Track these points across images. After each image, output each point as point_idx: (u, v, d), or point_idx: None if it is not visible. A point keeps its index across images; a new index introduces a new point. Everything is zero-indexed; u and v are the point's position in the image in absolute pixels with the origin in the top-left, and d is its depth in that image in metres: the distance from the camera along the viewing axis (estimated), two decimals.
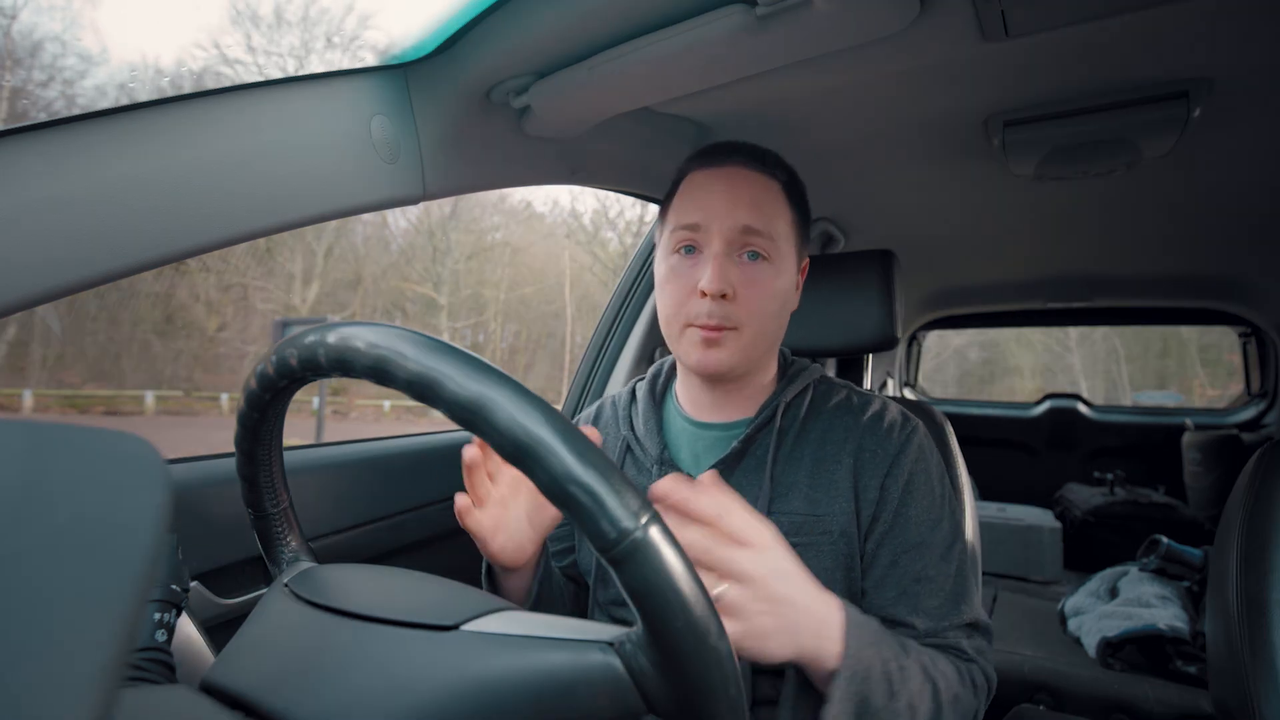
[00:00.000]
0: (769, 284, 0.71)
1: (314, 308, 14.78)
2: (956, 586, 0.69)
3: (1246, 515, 0.75)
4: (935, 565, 0.69)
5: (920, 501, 0.70)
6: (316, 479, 0.87)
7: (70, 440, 0.20)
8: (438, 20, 0.67)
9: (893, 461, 0.71)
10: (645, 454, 0.79)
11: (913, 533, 0.69)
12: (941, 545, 0.70)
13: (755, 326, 0.71)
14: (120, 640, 0.17)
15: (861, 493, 0.71)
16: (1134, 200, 1.37)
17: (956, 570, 0.70)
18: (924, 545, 0.69)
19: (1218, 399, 9.36)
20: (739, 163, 0.73)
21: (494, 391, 0.34)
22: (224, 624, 0.73)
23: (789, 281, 0.74)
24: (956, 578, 0.69)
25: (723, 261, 0.69)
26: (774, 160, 0.75)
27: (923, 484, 0.71)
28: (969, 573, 0.71)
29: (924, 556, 0.68)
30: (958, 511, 0.74)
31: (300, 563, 0.54)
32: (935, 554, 0.69)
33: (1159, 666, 1.54)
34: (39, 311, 0.75)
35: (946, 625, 0.67)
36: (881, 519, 0.70)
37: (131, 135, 0.52)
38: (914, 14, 0.64)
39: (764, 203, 0.71)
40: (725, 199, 0.71)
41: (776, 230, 0.71)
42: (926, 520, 0.70)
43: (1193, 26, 0.72)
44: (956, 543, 0.71)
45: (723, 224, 0.70)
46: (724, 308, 0.69)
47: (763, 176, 0.73)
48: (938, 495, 0.72)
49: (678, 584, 0.33)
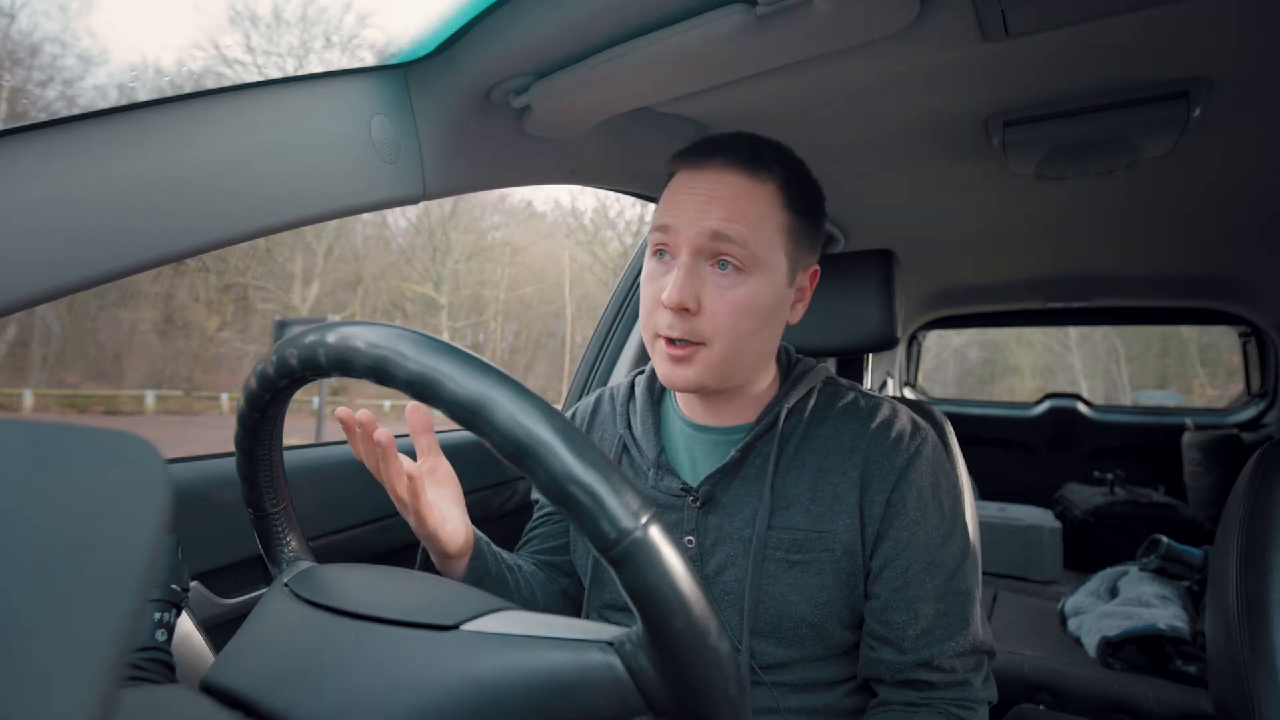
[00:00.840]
0: (742, 297, 0.64)
1: (314, 307, 14.79)
2: (965, 609, 0.67)
3: (1246, 515, 0.75)
4: (945, 584, 0.66)
5: (930, 518, 0.67)
6: (316, 479, 0.87)
7: (70, 440, 0.20)
8: (437, 20, 0.67)
9: (901, 474, 0.67)
10: (642, 456, 0.77)
11: (922, 551, 0.66)
12: (952, 563, 0.67)
13: (726, 343, 0.65)
14: (120, 640, 0.17)
15: (866, 507, 0.67)
16: (1134, 200, 1.37)
17: (966, 591, 0.67)
18: (935, 565, 0.66)
19: (1218, 399, 9.37)
20: (721, 162, 0.67)
21: (494, 391, 0.34)
22: (224, 624, 0.73)
23: (774, 294, 0.67)
24: (965, 598, 0.67)
25: (688, 271, 0.64)
26: (769, 157, 0.68)
27: (932, 499, 0.68)
28: (974, 592, 0.69)
29: (935, 576, 0.66)
30: (967, 525, 0.71)
31: (300, 562, 0.54)
32: (945, 572, 0.67)
33: (1159, 666, 1.54)
34: (39, 311, 0.75)
35: (950, 652, 0.65)
36: (888, 536, 0.67)
37: (131, 135, 0.52)
38: (914, 14, 0.64)
39: (743, 207, 0.65)
40: (698, 202, 0.65)
41: (758, 237, 0.65)
42: (936, 537, 0.67)
43: (1193, 26, 0.72)
44: (967, 560, 0.68)
45: (690, 230, 0.64)
46: (687, 321, 0.64)
47: (746, 178, 0.66)
48: (947, 510, 0.69)
49: (677, 584, 0.33)
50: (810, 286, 0.75)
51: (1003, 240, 1.77)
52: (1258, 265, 1.83)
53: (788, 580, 0.67)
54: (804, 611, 0.67)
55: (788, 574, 0.67)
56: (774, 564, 0.68)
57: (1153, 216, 1.47)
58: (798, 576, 0.67)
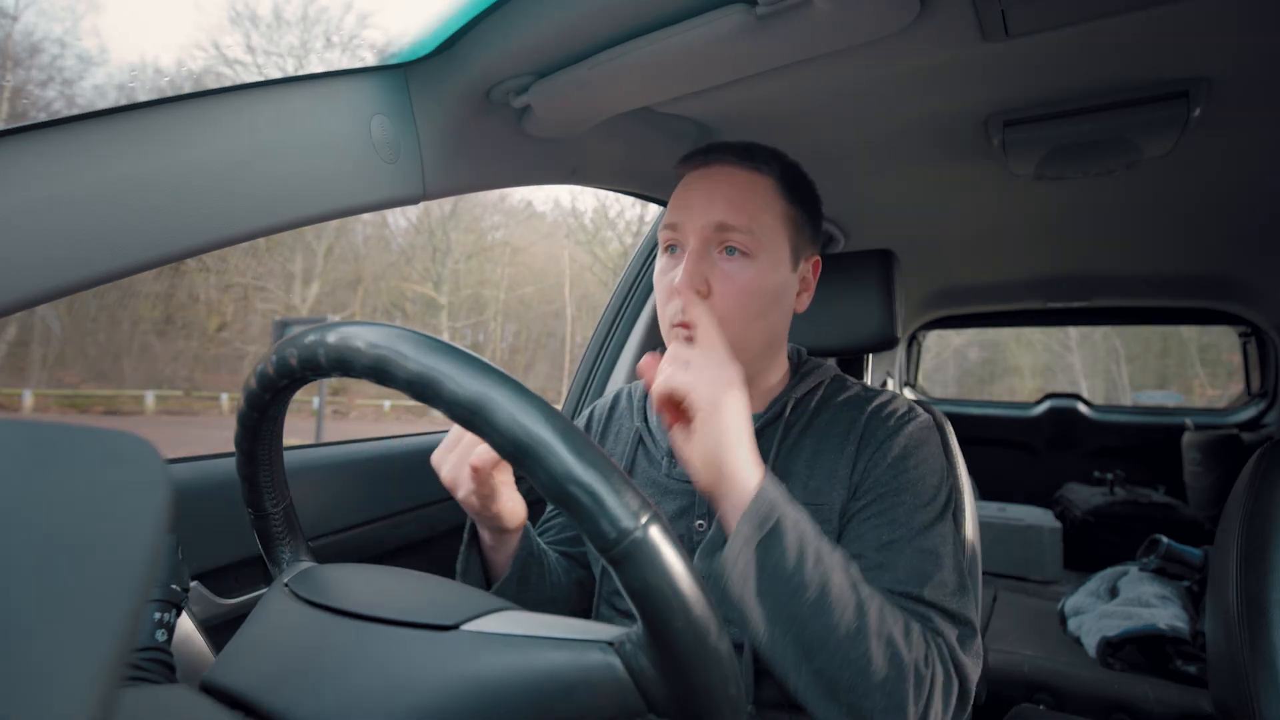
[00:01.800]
0: (749, 279, 0.69)
1: (314, 307, 14.80)
2: (922, 566, 0.64)
3: (1246, 515, 0.75)
4: (908, 541, 0.65)
5: (904, 485, 0.68)
6: (316, 479, 0.87)
7: (70, 440, 0.20)
8: (438, 20, 0.67)
9: (883, 441, 0.70)
10: (657, 446, 0.80)
11: (887, 510, 0.66)
12: (919, 525, 0.66)
13: (736, 324, 0.69)
14: (120, 640, 0.17)
15: (854, 474, 0.70)
16: (1134, 200, 1.37)
17: (930, 550, 0.65)
18: (897, 523, 0.66)
19: (1218, 399, 9.37)
20: (720, 160, 0.73)
21: (494, 391, 0.34)
22: (224, 624, 0.73)
23: (779, 278, 0.72)
24: (927, 556, 0.64)
25: (697, 259, 0.69)
26: (766, 155, 0.74)
27: (912, 465, 0.69)
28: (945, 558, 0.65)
29: (895, 531, 0.65)
30: (950, 503, 0.70)
31: (300, 563, 0.54)
32: (911, 530, 0.65)
33: (1159, 666, 1.54)
34: (39, 311, 0.75)
35: (908, 594, 0.62)
36: (862, 490, 0.68)
37: (131, 135, 0.52)
38: (914, 14, 0.64)
39: (744, 197, 0.70)
40: (702, 196, 0.71)
41: (760, 225, 0.70)
42: (908, 502, 0.67)
43: (1193, 26, 0.72)
44: (939, 525, 0.67)
45: (697, 222, 0.70)
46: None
47: (746, 172, 0.72)
48: (928, 484, 0.68)
49: (677, 584, 0.33)
50: (813, 278, 0.80)
51: (1003, 240, 1.77)
52: (1258, 265, 1.83)
53: None
54: None
55: None
56: None
57: (1153, 216, 1.47)
58: None
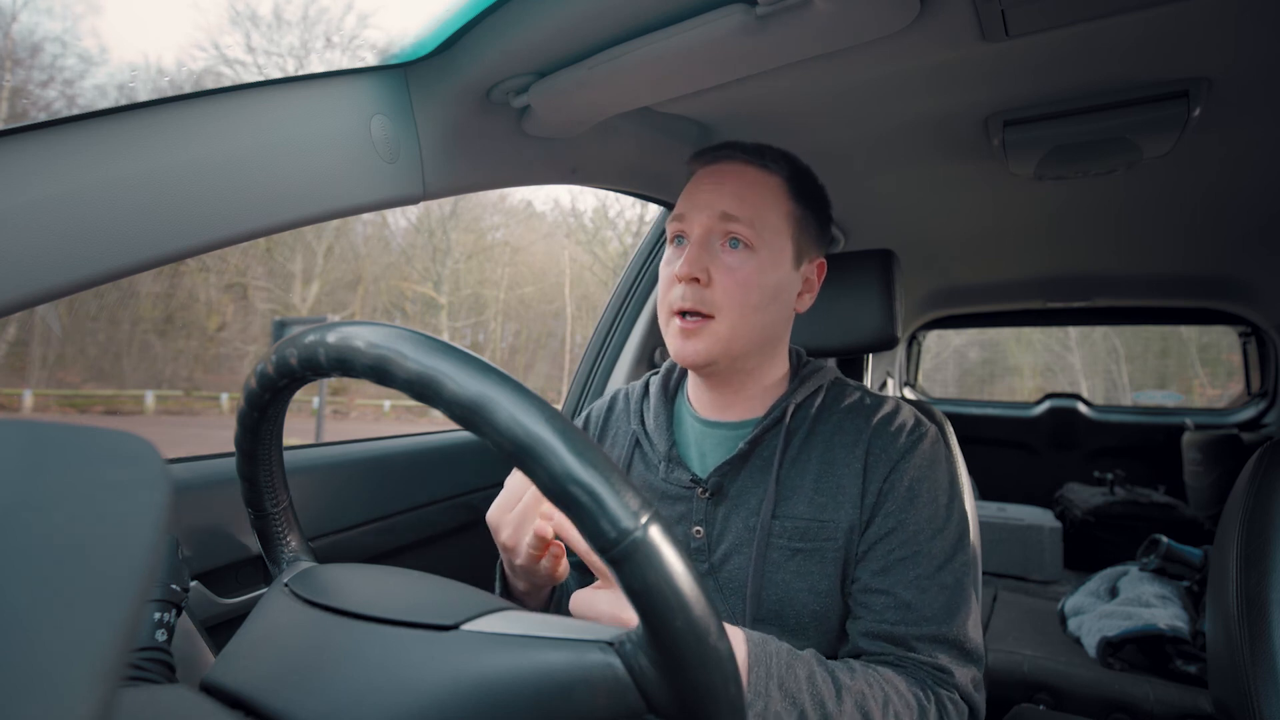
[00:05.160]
0: (749, 272, 0.70)
1: (314, 307, 14.78)
2: (949, 601, 0.65)
3: (1246, 515, 0.75)
4: (930, 576, 0.65)
5: (923, 510, 0.67)
6: (316, 479, 0.87)
7: (70, 440, 0.20)
8: (438, 20, 0.67)
9: (896, 463, 0.69)
10: (654, 450, 0.79)
11: (909, 540, 0.66)
12: (940, 556, 0.66)
13: (734, 315, 0.70)
14: (120, 640, 0.17)
15: (865, 496, 0.69)
16: (1134, 200, 1.37)
17: (954, 584, 0.66)
18: (920, 555, 0.66)
19: (1218, 399, 9.36)
20: (731, 157, 0.74)
21: (494, 391, 0.34)
22: (224, 624, 0.73)
23: (779, 274, 0.72)
24: (952, 591, 0.65)
25: (701, 247, 0.70)
26: (775, 155, 0.75)
27: (927, 490, 0.68)
28: (968, 588, 0.67)
29: (918, 565, 0.65)
30: (963, 524, 0.70)
31: (300, 562, 0.54)
32: (932, 564, 0.66)
33: (1159, 666, 1.54)
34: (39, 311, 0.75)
35: (928, 638, 0.64)
36: (875, 522, 0.68)
37: (131, 135, 0.52)
38: (914, 14, 0.64)
39: (751, 193, 0.71)
40: (710, 189, 0.72)
41: (764, 220, 0.71)
42: (927, 529, 0.67)
43: (1193, 26, 0.72)
44: (957, 556, 0.67)
45: (702, 212, 0.71)
46: (699, 292, 0.69)
47: (754, 169, 0.73)
48: (942, 505, 0.69)
49: (677, 584, 0.33)
50: (817, 280, 0.79)
51: (1003, 240, 1.77)
52: (1258, 265, 1.83)
53: (790, 568, 0.69)
54: (806, 599, 0.68)
55: (790, 562, 0.69)
56: (777, 552, 0.69)
57: (1152, 216, 1.47)
58: (800, 564, 0.68)
